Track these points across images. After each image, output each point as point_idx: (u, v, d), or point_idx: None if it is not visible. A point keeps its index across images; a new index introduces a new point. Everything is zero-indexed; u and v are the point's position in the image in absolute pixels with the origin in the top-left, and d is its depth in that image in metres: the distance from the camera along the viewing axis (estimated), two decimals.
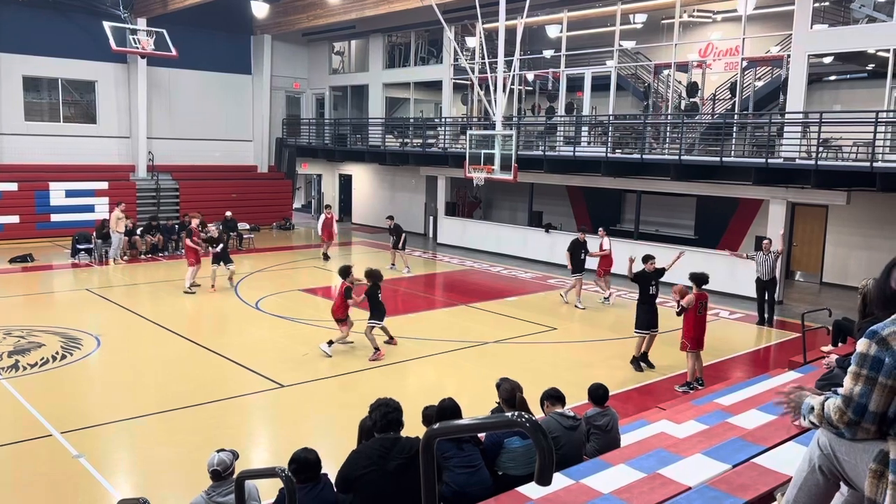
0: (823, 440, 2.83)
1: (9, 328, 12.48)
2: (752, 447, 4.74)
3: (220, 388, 9.80)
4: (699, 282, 10.07)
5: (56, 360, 10.85)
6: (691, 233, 20.81)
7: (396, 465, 4.54)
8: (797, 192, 15.90)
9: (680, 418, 6.83)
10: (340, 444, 6.60)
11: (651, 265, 11.19)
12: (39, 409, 8.84)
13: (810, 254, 18.51)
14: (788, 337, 13.16)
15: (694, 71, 19.36)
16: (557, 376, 9.19)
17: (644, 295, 11.08)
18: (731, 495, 3.89)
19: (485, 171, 16.44)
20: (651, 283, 11.08)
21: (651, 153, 17.94)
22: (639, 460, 4.87)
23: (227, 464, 4.92)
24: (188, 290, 15.49)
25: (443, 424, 2.61)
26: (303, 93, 29.81)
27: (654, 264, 11.23)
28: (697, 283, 10.06)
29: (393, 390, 6.28)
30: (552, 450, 2.14)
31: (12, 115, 22.75)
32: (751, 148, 17.09)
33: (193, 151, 26.26)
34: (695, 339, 10.09)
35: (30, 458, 7.64)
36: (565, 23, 20.49)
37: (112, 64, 24.19)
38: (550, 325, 13.62)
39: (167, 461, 7.79)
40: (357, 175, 29.10)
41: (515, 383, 5.75)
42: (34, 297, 15.83)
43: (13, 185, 22.06)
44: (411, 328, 13.16)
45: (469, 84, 22.60)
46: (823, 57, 16.86)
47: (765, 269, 13.96)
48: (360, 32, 26.64)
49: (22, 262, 18.81)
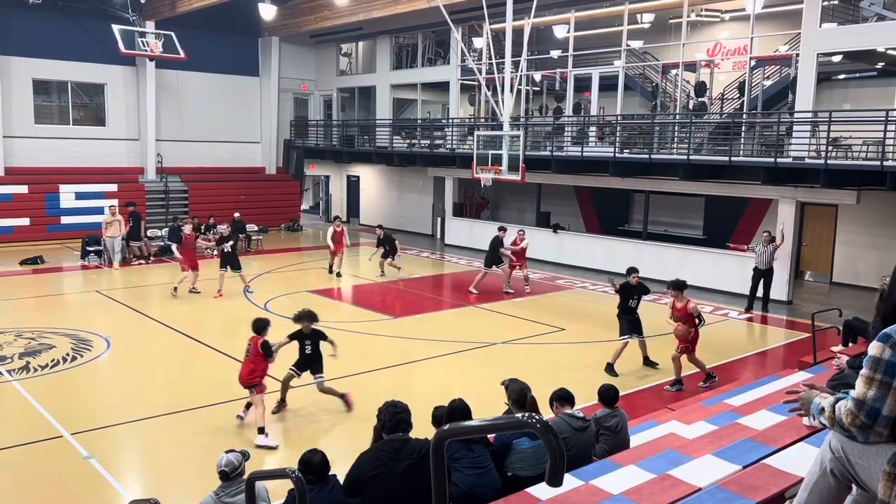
0: (835, 443, 2.82)
1: (20, 330, 12.55)
2: (762, 448, 4.72)
3: (230, 389, 9.78)
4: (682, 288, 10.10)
5: (67, 361, 10.91)
6: (700, 233, 20.73)
7: (406, 466, 4.55)
8: (806, 192, 15.82)
9: (689, 419, 6.80)
10: (349, 446, 6.62)
11: (635, 278, 10.96)
12: (50, 410, 8.89)
13: (820, 253, 18.42)
14: (798, 337, 13.09)
15: (702, 70, 19.29)
16: (566, 377, 9.16)
17: (624, 306, 10.94)
18: (741, 496, 3.87)
19: (492, 172, 16.43)
20: (633, 296, 10.92)
21: (659, 153, 17.89)
22: (648, 461, 4.86)
23: (234, 465, 4.93)
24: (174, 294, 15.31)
25: (454, 425, 2.61)
26: (310, 94, 29.88)
27: (637, 277, 11.00)
28: (681, 289, 10.06)
29: (401, 391, 6.28)
30: (563, 451, 2.14)
31: (22, 118, 22.89)
32: (760, 147, 17.01)
33: (202, 153, 26.34)
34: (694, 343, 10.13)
35: (41, 459, 7.68)
36: (573, 23, 20.46)
37: (121, 67, 24.30)
38: (559, 326, 13.60)
39: (177, 462, 7.82)
40: (365, 176, 29.14)
41: (524, 384, 5.76)
42: (44, 298, 15.91)
43: (23, 187, 22.20)
44: (419, 329, 13.16)
45: (476, 85, 22.59)
46: (833, 56, 16.77)
47: (763, 259, 14.67)
48: (367, 34, 26.68)
49: (32, 264, 18.92)
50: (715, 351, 12.35)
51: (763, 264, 14.79)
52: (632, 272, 11.11)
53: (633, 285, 10.94)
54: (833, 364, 7.22)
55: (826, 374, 7.16)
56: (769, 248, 14.71)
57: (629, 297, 10.91)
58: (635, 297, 10.94)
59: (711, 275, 16.90)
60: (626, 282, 11.03)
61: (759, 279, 14.89)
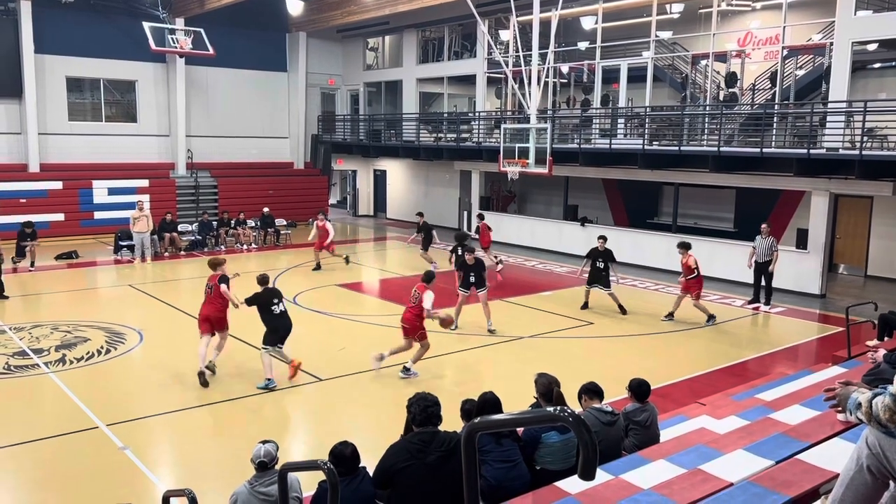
0: (872, 439, 2.77)
1: (56, 323, 12.83)
2: (795, 443, 4.66)
3: (260, 381, 9.93)
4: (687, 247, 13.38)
5: (101, 354, 11.12)
6: (731, 226, 20.46)
7: (435, 458, 4.57)
8: (840, 184, 15.52)
9: (720, 414, 6.74)
10: (378, 438, 6.67)
11: (601, 244, 13.92)
12: (86, 401, 9.09)
13: (854, 246, 18.08)
14: (831, 331, 12.88)
15: (733, 61, 19.00)
16: (594, 371, 9.13)
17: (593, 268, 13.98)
18: (774, 492, 3.83)
19: (519, 165, 16.38)
20: (598, 259, 13.84)
21: (689, 145, 17.66)
22: (679, 456, 4.83)
23: (272, 455, 5.01)
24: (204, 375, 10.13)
25: (485, 418, 2.62)
26: (337, 89, 30.00)
27: (604, 244, 13.93)
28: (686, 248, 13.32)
29: (429, 384, 6.31)
30: (595, 444, 2.14)
31: (57, 116, 23.32)
32: (792, 138, 16.73)
33: (231, 149, 26.63)
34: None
35: (77, 450, 7.86)
36: (600, 14, 20.26)
37: (151, 64, 24.63)
38: (586, 320, 13.53)
39: (209, 453, 7.95)
40: (391, 170, 29.22)
41: (552, 377, 5.74)
42: (79, 292, 16.23)
43: (58, 183, 22.64)
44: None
45: (503, 78, 22.51)
46: (868, 44, 16.41)
47: (760, 251, 14.55)
48: (393, 28, 26.70)
49: (67, 258, 19.31)
50: (746, 345, 12.23)
51: (761, 256, 14.55)
52: (601, 238, 14.08)
53: (600, 250, 13.83)
54: (869, 358, 7.09)
55: (861, 369, 7.04)
56: (768, 240, 14.48)
57: (595, 259, 13.92)
58: (600, 259, 13.85)
59: (743, 269, 16.65)
60: (595, 247, 13.95)
61: (760, 272, 14.66)
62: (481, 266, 12.96)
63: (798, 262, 16.02)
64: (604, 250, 13.86)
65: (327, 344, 11.84)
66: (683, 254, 13.28)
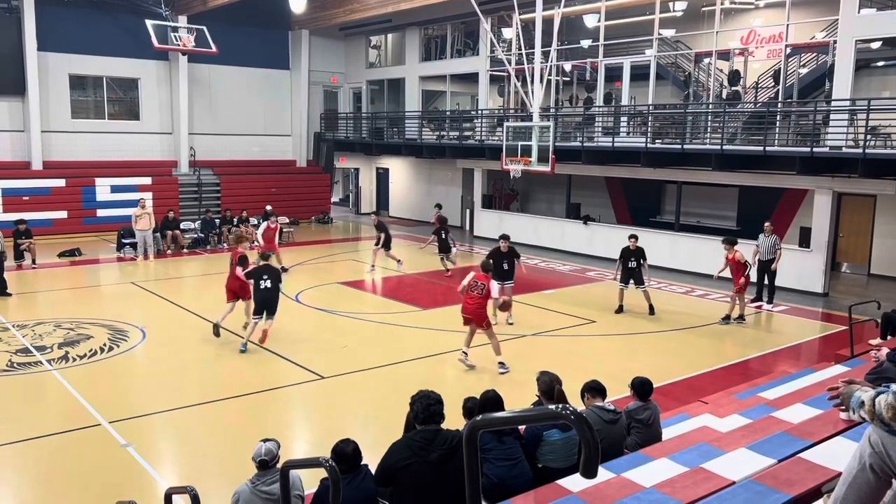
0: (875, 437, 2.77)
1: (59, 320, 12.85)
2: (798, 442, 4.65)
3: (262, 379, 9.95)
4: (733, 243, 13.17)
5: (104, 351, 11.14)
6: (734, 224, 20.42)
7: (437, 456, 4.56)
8: (844, 182, 15.49)
9: (722, 412, 6.73)
10: (380, 436, 6.67)
11: (633, 243, 13.67)
12: (89, 399, 9.10)
13: (857, 245, 18.05)
14: (834, 329, 12.86)
15: (736, 59, 18.95)
16: (597, 369, 9.13)
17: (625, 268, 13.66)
18: (777, 490, 3.82)
19: (522, 164, 16.35)
20: (632, 258, 13.58)
21: (692, 143, 17.63)
22: (681, 454, 4.83)
23: (273, 453, 5.01)
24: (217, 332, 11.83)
25: (487, 416, 2.62)
26: (340, 87, 30.00)
27: (636, 243, 13.69)
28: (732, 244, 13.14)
29: (432, 382, 6.31)
30: (597, 442, 2.14)
31: (60, 113, 23.35)
32: (795, 137, 16.69)
33: (233, 146, 26.66)
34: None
35: (80, 447, 7.87)
36: (603, 12, 20.23)
37: (154, 61, 24.65)
38: (589, 318, 13.53)
39: (212, 450, 7.95)
40: (394, 168, 29.21)
41: (554, 375, 5.75)
42: (82, 290, 16.26)
43: (61, 181, 22.67)
44: (448, 320, 13.15)
45: (506, 76, 22.47)
46: (871, 42, 16.37)
47: (763, 250, 14.47)
48: (396, 26, 26.69)
49: (70, 256, 19.34)
50: (749, 343, 12.21)
51: (763, 255, 14.45)
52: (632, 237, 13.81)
53: (632, 249, 13.60)
54: (872, 357, 7.08)
55: (864, 368, 7.03)
56: (771, 238, 14.40)
57: (629, 259, 13.66)
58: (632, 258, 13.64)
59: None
60: (627, 246, 13.70)
61: (763, 271, 14.56)
62: (515, 254, 13.27)
63: (801, 261, 15.99)
64: (636, 249, 13.67)
65: (330, 341, 11.85)
66: (729, 249, 13.10)
